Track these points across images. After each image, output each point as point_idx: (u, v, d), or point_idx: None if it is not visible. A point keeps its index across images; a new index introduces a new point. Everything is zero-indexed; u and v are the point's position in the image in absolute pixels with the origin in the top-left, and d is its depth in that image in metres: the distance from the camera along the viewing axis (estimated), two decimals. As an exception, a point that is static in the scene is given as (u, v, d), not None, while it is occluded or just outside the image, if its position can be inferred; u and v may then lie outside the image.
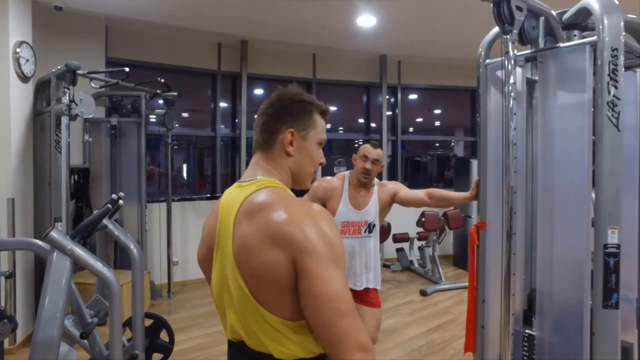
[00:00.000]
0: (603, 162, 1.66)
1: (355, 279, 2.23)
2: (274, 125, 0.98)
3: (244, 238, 0.87)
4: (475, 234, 2.18)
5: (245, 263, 0.86)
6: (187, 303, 4.15)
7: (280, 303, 0.85)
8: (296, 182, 1.02)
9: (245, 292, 0.86)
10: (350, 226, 2.21)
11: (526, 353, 1.99)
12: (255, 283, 0.85)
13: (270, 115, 0.99)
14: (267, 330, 0.86)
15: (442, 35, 4.80)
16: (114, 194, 2.15)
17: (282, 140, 0.97)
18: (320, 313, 0.81)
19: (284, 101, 0.99)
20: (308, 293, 0.81)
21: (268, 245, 0.83)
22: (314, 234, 0.83)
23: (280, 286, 0.83)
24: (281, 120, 0.98)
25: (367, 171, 2.20)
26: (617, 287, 1.69)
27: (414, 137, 6.98)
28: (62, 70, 2.96)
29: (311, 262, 0.81)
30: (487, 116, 2.08)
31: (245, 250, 0.86)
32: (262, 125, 0.99)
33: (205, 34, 4.87)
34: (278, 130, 0.97)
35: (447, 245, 5.81)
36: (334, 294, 0.80)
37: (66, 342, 2.09)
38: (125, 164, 4.21)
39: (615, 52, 1.63)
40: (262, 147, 0.99)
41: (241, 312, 0.89)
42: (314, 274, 0.80)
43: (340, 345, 0.80)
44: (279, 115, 0.98)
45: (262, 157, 0.99)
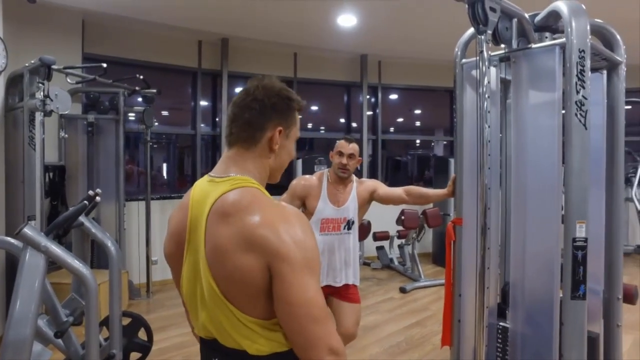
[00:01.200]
0: (572, 159, 1.73)
1: (335, 275, 2.25)
2: (262, 122, 0.94)
3: (217, 240, 0.85)
4: (451, 230, 2.23)
5: (218, 265, 0.85)
6: (166, 302, 4.10)
7: (254, 304, 0.85)
8: (272, 177, 1.01)
9: (217, 293, 0.86)
10: (329, 223, 2.23)
11: (500, 345, 2.05)
12: (228, 284, 0.85)
13: (257, 111, 0.94)
14: (240, 328, 0.86)
15: (422, 36, 4.88)
16: (91, 190, 2.11)
17: (269, 138, 0.95)
18: (294, 319, 0.82)
19: (272, 97, 0.95)
20: (282, 299, 0.82)
21: (243, 250, 0.82)
22: (288, 239, 0.82)
23: (254, 289, 0.84)
24: (269, 117, 0.95)
25: (343, 166, 2.23)
26: (585, 279, 1.76)
27: (395, 136, 7.07)
28: (36, 64, 2.89)
29: (285, 268, 0.81)
30: (462, 115, 2.13)
31: (218, 253, 0.85)
32: (247, 120, 0.94)
33: (186, 31, 4.82)
34: (265, 128, 0.94)
35: (427, 244, 5.90)
36: (307, 301, 0.81)
37: (40, 342, 2.05)
38: (102, 161, 4.13)
39: (582, 54, 1.70)
40: (243, 143, 0.95)
41: (213, 311, 0.88)
42: (288, 281, 0.81)
43: (312, 349, 0.81)
44: (266, 113, 0.94)
45: (240, 152, 0.95)
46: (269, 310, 0.85)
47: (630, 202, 5.84)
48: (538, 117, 1.88)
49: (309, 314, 0.81)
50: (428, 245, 5.95)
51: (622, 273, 2.23)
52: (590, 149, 1.77)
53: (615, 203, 2.19)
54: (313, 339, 0.81)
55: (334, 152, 2.28)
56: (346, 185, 2.28)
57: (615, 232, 2.19)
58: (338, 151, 2.24)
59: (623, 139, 2.17)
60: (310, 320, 0.81)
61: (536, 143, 1.88)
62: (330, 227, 2.24)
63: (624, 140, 2.26)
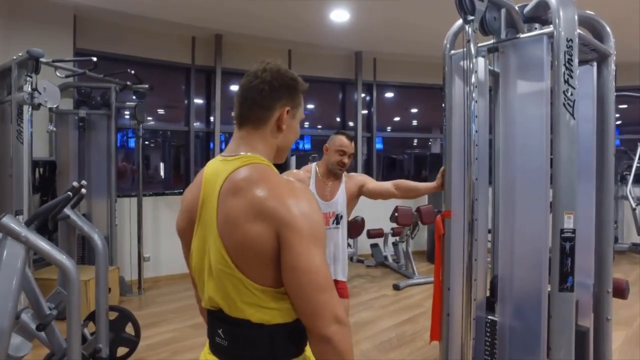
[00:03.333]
0: (559, 150, 1.71)
1: None
2: (271, 102, 0.98)
3: (228, 211, 0.89)
4: (440, 223, 2.21)
5: (229, 235, 0.89)
6: (157, 299, 4.07)
7: (263, 272, 0.88)
8: (278, 156, 1.05)
9: (228, 262, 0.89)
10: None
11: (489, 338, 2.03)
12: (239, 254, 0.88)
13: (265, 92, 0.97)
14: (246, 296, 0.89)
15: (417, 33, 4.86)
16: (75, 182, 2.09)
17: (277, 117, 0.99)
18: (301, 286, 0.85)
19: (279, 79, 0.99)
20: (289, 267, 0.86)
21: (253, 219, 0.86)
22: (297, 210, 0.86)
23: (263, 257, 0.87)
24: (277, 98, 0.98)
25: (343, 164, 2.22)
26: (573, 271, 1.74)
27: (390, 134, 7.05)
28: (23, 57, 2.86)
29: (293, 237, 0.85)
30: (451, 106, 2.11)
31: (230, 223, 0.89)
32: (256, 101, 0.98)
33: (179, 26, 4.79)
34: (274, 107, 0.98)
35: (422, 241, 5.88)
36: (314, 269, 0.85)
37: (23, 336, 2.02)
38: (94, 157, 4.10)
39: (570, 43, 1.69)
40: (252, 123, 0.99)
41: (220, 281, 0.92)
42: (296, 249, 0.85)
43: (317, 317, 0.85)
44: (274, 94, 0.98)
45: (249, 132, 0.99)
46: (276, 279, 0.88)
47: (625, 200, 5.83)
48: (526, 108, 1.86)
49: (316, 282, 0.85)
50: (423, 243, 5.93)
51: (611, 266, 2.21)
52: (578, 140, 1.76)
53: (605, 196, 2.17)
54: (319, 307, 0.85)
55: (332, 148, 2.22)
56: (335, 180, 2.26)
57: (605, 225, 2.18)
58: (340, 150, 2.20)
59: (613, 132, 2.15)
60: (316, 288, 0.85)
61: (524, 134, 1.87)
62: None
63: (621, 138, 2.25)
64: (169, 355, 2.84)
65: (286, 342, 0.93)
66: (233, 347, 0.94)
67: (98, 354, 2.30)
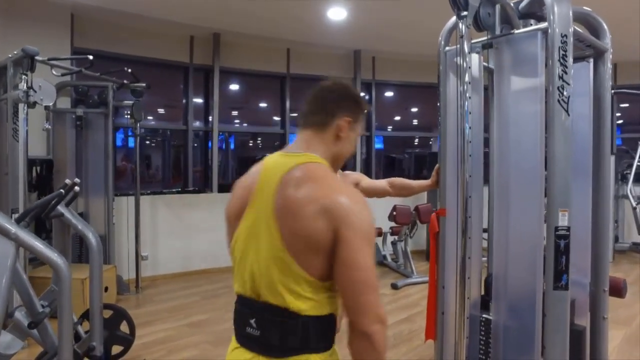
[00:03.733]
0: (554, 146, 1.69)
1: None
2: (335, 109, 1.07)
3: (288, 201, 0.94)
4: (435, 221, 2.19)
5: (285, 222, 0.93)
6: (154, 298, 4.06)
7: (312, 263, 0.93)
8: (334, 164, 1.10)
9: (280, 247, 0.93)
10: None
11: (483, 337, 2.02)
12: (294, 242, 0.93)
13: (331, 99, 1.08)
14: (290, 283, 0.93)
15: (415, 31, 4.84)
16: (68, 179, 2.08)
17: (338, 124, 1.06)
18: (352, 281, 0.91)
19: (347, 93, 1.10)
20: (344, 262, 0.91)
21: (314, 214, 0.91)
22: (355, 211, 0.93)
23: (318, 249, 0.92)
24: (340, 107, 1.07)
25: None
26: (567, 269, 1.72)
27: (389, 133, 7.03)
28: (19, 55, 2.86)
29: (351, 235, 0.90)
30: (446, 103, 2.10)
31: (289, 212, 0.93)
32: (321, 105, 1.07)
33: (177, 25, 4.79)
34: (336, 114, 1.06)
35: (421, 241, 5.86)
36: (366, 266, 0.91)
37: (17, 334, 2.02)
38: (91, 156, 4.10)
39: (564, 39, 1.67)
40: (315, 126, 1.07)
41: (267, 265, 0.95)
42: (352, 246, 0.90)
43: (363, 313, 0.91)
44: (339, 102, 1.08)
45: (312, 134, 1.07)
46: (322, 272, 0.93)
47: (626, 199, 5.80)
48: (520, 105, 1.85)
49: (366, 279, 0.91)
50: (422, 243, 5.91)
51: (608, 265, 2.19)
52: (574, 138, 1.74)
53: (602, 194, 2.15)
54: (366, 304, 0.90)
55: None
56: None
57: (602, 223, 2.16)
58: None
59: (609, 128, 2.13)
60: (366, 285, 0.91)
61: (518, 131, 1.85)
62: None
63: (622, 137, 2.23)
64: (164, 354, 2.83)
65: (318, 335, 0.96)
66: (265, 336, 0.96)
67: (92, 352, 2.29)
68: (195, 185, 5.25)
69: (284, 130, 5.80)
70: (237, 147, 6.93)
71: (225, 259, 5.67)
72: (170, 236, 4.77)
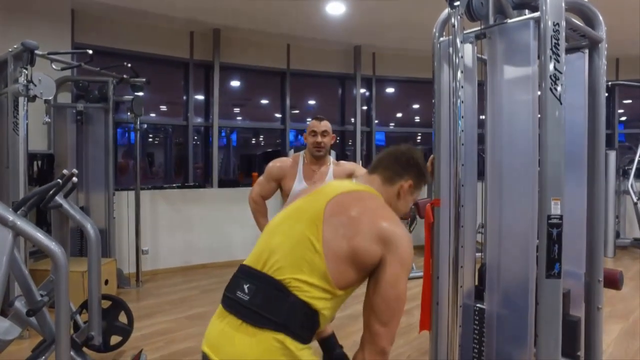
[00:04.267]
0: (546, 135, 1.69)
1: None
2: (402, 171, 1.25)
3: (343, 211, 1.08)
4: (430, 212, 2.20)
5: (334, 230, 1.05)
6: (155, 291, 4.10)
7: (344, 272, 1.04)
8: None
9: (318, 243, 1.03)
10: None
11: (477, 327, 2.02)
12: (336, 249, 1.03)
13: (403, 162, 1.25)
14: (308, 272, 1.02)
15: (415, 26, 4.81)
16: (66, 170, 2.10)
17: (402, 185, 1.24)
18: (385, 300, 1.05)
19: (417, 163, 1.27)
20: (382, 281, 1.04)
21: (371, 235, 1.04)
22: (405, 244, 1.07)
23: (359, 265, 1.04)
24: (408, 171, 1.25)
25: (318, 144, 2.23)
26: (560, 257, 1.72)
27: (391, 129, 7.03)
28: (19, 49, 2.88)
29: (394, 262, 1.04)
30: (440, 94, 2.10)
31: (340, 222, 1.06)
32: (394, 165, 1.25)
33: (177, 21, 4.81)
34: (402, 176, 1.24)
35: (421, 236, 5.83)
36: (401, 290, 1.07)
37: (16, 322, 2.05)
38: (92, 150, 4.14)
39: (557, 27, 1.67)
40: (383, 178, 1.24)
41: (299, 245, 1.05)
42: (392, 270, 1.04)
43: (386, 332, 1.06)
44: (408, 168, 1.25)
45: (379, 182, 1.24)
46: (344, 282, 1.05)
47: (627, 195, 5.78)
48: (513, 94, 1.85)
49: (397, 300, 1.07)
50: (422, 238, 5.88)
51: (602, 255, 2.19)
52: (567, 128, 1.74)
53: (596, 185, 2.15)
54: (392, 325, 1.07)
55: (307, 134, 2.27)
56: (322, 166, 2.26)
57: (596, 214, 2.16)
58: (311, 131, 2.24)
59: (604, 119, 2.13)
60: (397, 307, 1.07)
61: (511, 120, 1.85)
62: None
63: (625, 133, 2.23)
64: (163, 344, 2.85)
65: (302, 322, 1.01)
66: (253, 302, 1.02)
67: (91, 342, 2.33)
68: (196, 181, 5.28)
69: (284, 126, 5.81)
70: (238, 143, 6.95)
71: (224, 254, 5.72)
72: (170, 231, 4.80)
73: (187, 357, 2.67)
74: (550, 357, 1.73)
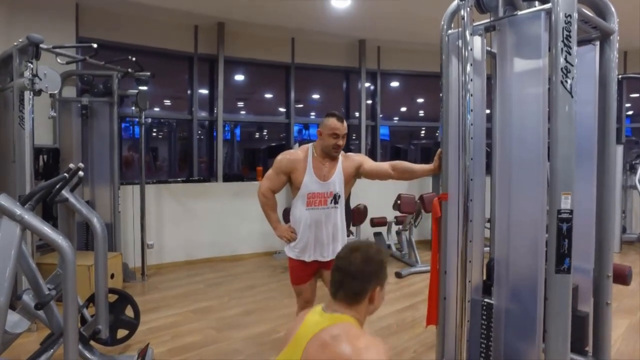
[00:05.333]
0: (557, 128, 1.67)
1: (322, 250, 2.23)
2: (364, 287, 1.18)
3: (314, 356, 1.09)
4: (437, 206, 2.19)
5: None
6: (160, 285, 4.11)
7: None
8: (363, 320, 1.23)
9: None
10: (315, 197, 2.20)
11: (485, 321, 2.02)
12: None
13: (359, 281, 1.18)
14: None
15: (422, 19, 4.78)
16: (72, 164, 2.10)
17: (370, 296, 1.19)
18: None
19: (372, 265, 1.19)
20: None
21: None
22: None
23: None
24: (370, 284, 1.19)
25: (338, 147, 2.20)
26: (570, 252, 1.71)
27: (395, 123, 6.99)
28: (24, 43, 2.88)
29: None
30: (448, 87, 2.08)
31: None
32: (349, 286, 1.18)
33: (182, 14, 4.78)
34: (367, 291, 1.18)
35: (426, 230, 5.85)
36: None
37: (25, 316, 2.06)
38: (97, 144, 4.13)
39: (568, 19, 1.64)
40: (349, 300, 1.18)
41: None
42: None
43: None
44: (368, 279, 1.18)
45: (346, 306, 1.18)
46: None
47: (634, 190, 5.74)
48: (523, 87, 1.82)
49: None
50: (427, 233, 5.89)
51: (612, 251, 2.17)
52: (578, 122, 1.71)
53: (607, 180, 2.13)
54: None
55: (325, 132, 2.20)
56: (331, 160, 2.25)
57: (606, 209, 2.14)
58: (333, 133, 2.18)
59: (615, 112, 2.10)
60: None
61: (521, 114, 1.83)
62: (317, 202, 2.21)
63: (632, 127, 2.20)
64: (169, 338, 2.86)
65: None
66: None
67: (98, 335, 2.34)
68: (201, 175, 5.28)
69: (289, 120, 5.79)
70: (242, 137, 6.94)
71: (228, 249, 5.74)
72: (175, 225, 4.81)
73: (193, 351, 2.68)
74: (559, 352, 1.72)
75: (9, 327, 1.68)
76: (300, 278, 2.28)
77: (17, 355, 2.38)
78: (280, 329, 3.03)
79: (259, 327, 3.07)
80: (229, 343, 2.78)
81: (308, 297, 2.29)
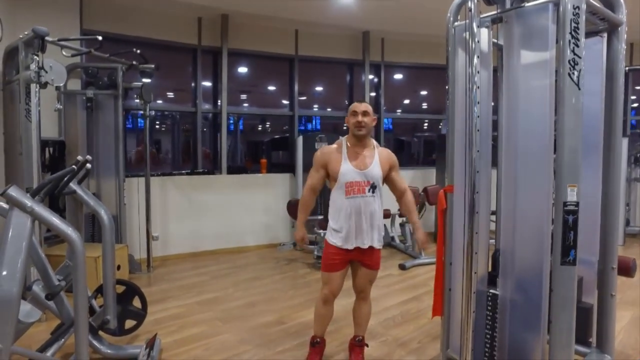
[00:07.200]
0: (563, 120, 1.68)
1: (363, 238, 2.24)
2: None
3: None
4: (443, 198, 2.20)
5: None
6: (165, 277, 4.15)
7: None
8: None
9: None
10: (354, 186, 2.22)
11: (490, 312, 2.03)
12: None
13: None
14: None
15: (426, 11, 4.75)
16: (80, 156, 2.12)
17: None
18: None
19: None
20: None
21: None
22: None
23: None
24: None
25: (359, 123, 2.22)
26: (575, 244, 1.72)
27: (399, 116, 6.97)
28: (29, 36, 2.88)
29: None
30: (455, 79, 2.08)
31: None
32: None
33: (185, 6, 4.76)
34: None
35: (430, 223, 5.86)
36: None
37: (36, 306, 2.08)
38: (102, 137, 4.15)
39: (577, 11, 1.64)
40: None
41: None
42: None
43: None
44: None
45: None
46: None
47: (638, 182, 5.72)
48: (530, 79, 1.82)
49: None
50: (431, 225, 5.90)
51: (617, 243, 2.18)
52: (585, 114, 1.71)
53: (612, 173, 2.13)
54: None
55: (348, 116, 2.28)
56: (365, 147, 2.26)
57: (611, 202, 2.14)
58: (352, 112, 2.25)
59: (622, 104, 2.10)
60: None
61: (527, 106, 1.83)
62: (356, 190, 2.22)
63: (638, 119, 2.19)
64: (175, 329, 2.90)
65: None
66: None
67: (106, 326, 2.37)
68: (205, 168, 5.30)
69: (293, 112, 5.79)
70: (246, 130, 6.94)
71: (233, 240, 5.78)
72: (180, 217, 4.84)
73: (200, 342, 2.71)
74: (563, 343, 1.74)
75: (22, 316, 1.70)
76: (335, 266, 2.28)
77: (28, 344, 2.42)
78: (285, 320, 3.06)
79: (264, 317, 3.10)
80: (234, 334, 2.82)
81: (335, 288, 2.30)
